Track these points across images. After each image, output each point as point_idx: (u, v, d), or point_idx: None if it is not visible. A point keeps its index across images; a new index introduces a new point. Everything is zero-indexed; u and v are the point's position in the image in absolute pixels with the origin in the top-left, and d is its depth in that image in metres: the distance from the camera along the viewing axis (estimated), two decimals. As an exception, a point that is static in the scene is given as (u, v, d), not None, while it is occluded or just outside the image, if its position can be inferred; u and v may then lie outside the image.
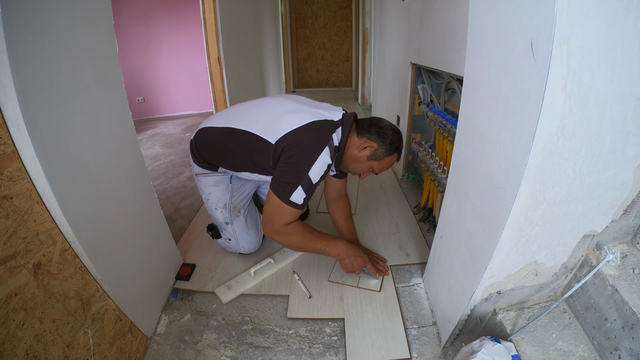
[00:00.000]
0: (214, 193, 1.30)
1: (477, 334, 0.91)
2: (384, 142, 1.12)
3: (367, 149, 1.12)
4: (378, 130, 1.13)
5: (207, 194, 1.31)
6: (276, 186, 1.05)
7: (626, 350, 0.65)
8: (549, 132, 0.56)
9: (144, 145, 2.97)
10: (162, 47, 3.82)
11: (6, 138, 0.60)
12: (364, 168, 1.16)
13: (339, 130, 1.11)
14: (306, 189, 1.03)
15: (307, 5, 5.55)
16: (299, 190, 1.03)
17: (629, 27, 0.51)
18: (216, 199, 1.30)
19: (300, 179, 1.02)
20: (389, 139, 1.12)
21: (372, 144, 1.11)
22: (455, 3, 1.13)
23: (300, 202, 1.05)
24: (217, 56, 1.96)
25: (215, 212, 1.31)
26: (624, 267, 0.73)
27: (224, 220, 1.31)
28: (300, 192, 1.03)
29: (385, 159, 1.14)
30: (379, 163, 1.15)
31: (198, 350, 1.00)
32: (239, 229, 1.31)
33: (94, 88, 0.82)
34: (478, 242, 0.78)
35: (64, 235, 0.71)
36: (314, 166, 1.02)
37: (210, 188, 1.30)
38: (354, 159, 1.14)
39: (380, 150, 1.12)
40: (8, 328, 0.57)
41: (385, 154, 1.13)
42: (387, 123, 1.16)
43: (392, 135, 1.13)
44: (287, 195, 1.03)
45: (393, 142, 1.13)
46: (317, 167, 1.03)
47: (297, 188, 1.02)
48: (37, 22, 0.64)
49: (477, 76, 0.76)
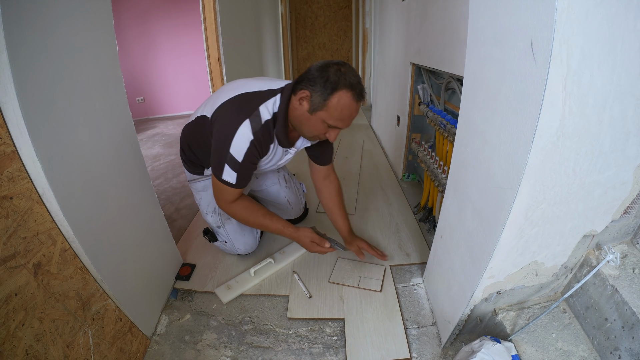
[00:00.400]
0: (204, 198, 1.30)
1: (477, 334, 0.91)
2: (314, 84, 0.91)
3: (303, 102, 0.94)
4: (307, 76, 0.93)
5: (198, 199, 1.32)
6: (211, 164, 1.03)
7: (626, 350, 0.65)
8: (549, 132, 0.56)
9: (144, 145, 2.97)
10: (162, 47, 3.82)
11: (6, 138, 0.60)
12: (316, 126, 0.97)
13: (277, 98, 0.98)
14: (234, 167, 0.97)
15: (307, 5, 5.55)
16: (226, 168, 0.97)
17: (629, 27, 0.51)
18: (206, 203, 1.30)
19: (224, 156, 0.96)
20: (319, 78, 0.90)
21: (304, 92, 0.92)
22: (455, 3, 1.13)
23: (233, 181, 0.99)
24: (217, 56, 1.96)
25: (207, 216, 1.32)
26: (624, 267, 0.73)
27: (215, 224, 1.31)
28: (230, 171, 0.97)
29: (330, 103, 0.91)
30: (326, 112, 0.92)
31: (198, 350, 1.00)
32: (232, 231, 1.31)
33: (94, 88, 0.82)
34: (478, 242, 0.78)
35: (64, 235, 0.71)
36: (233, 142, 0.94)
37: (200, 193, 1.31)
38: (298, 120, 0.98)
39: (315, 96, 0.91)
40: (8, 328, 0.57)
41: (322, 96, 0.90)
42: (318, 63, 0.95)
43: (324, 72, 0.90)
44: (219, 174, 1.00)
45: (327, 79, 0.89)
46: (237, 143, 0.94)
47: (224, 166, 0.98)
48: (37, 23, 0.64)
49: (477, 76, 0.76)
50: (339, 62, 0.94)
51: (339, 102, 0.91)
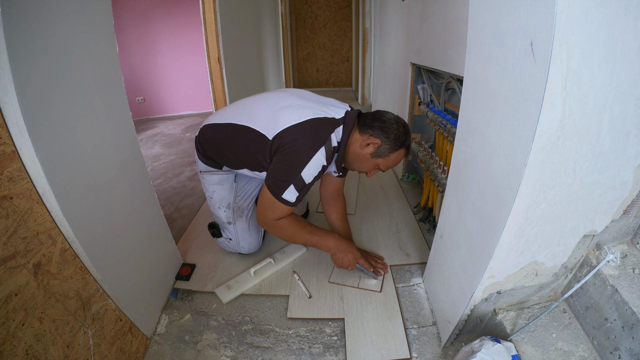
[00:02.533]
0: (218, 192, 1.29)
1: (477, 334, 0.91)
2: (387, 137, 1.05)
3: (370, 146, 1.07)
4: (381, 125, 1.06)
5: (210, 192, 1.31)
6: (270, 181, 1.04)
7: (626, 350, 0.65)
8: (549, 132, 0.56)
9: (144, 145, 2.97)
10: (162, 47, 3.82)
11: (6, 138, 0.60)
12: (368, 166, 1.12)
13: (340, 129, 1.07)
14: (299, 188, 1.02)
15: (307, 5, 5.56)
16: (291, 188, 1.01)
17: (629, 27, 0.51)
18: (220, 197, 1.29)
19: (292, 177, 1.00)
20: (392, 133, 1.05)
21: (375, 140, 1.06)
22: (455, 3, 1.13)
23: (293, 200, 1.03)
24: (217, 56, 1.96)
25: (219, 210, 1.31)
26: (624, 267, 0.73)
27: (226, 220, 1.30)
28: (293, 191, 1.02)
29: (391, 155, 1.08)
30: (385, 160, 1.09)
31: (198, 350, 0.99)
32: (241, 230, 1.31)
33: (94, 88, 0.82)
34: (478, 242, 0.78)
35: (64, 235, 0.71)
36: (307, 166, 0.99)
37: (214, 186, 1.29)
38: (357, 157, 1.10)
39: (384, 147, 1.06)
40: (8, 328, 0.57)
41: (390, 150, 1.07)
42: (391, 116, 1.09)
43: (397, 130, 1.06)
44: (279, 193, 1.02)
45: (398, 136, 1.06)
46: (311, 168, 1.00)
47: (289, 186, 1.01)
48: (37, 22, 0.64)
49: (477, 76, 0.76)
50: (405, 123, 1.10)
51: (397, 157, 1.10)
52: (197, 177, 2.22)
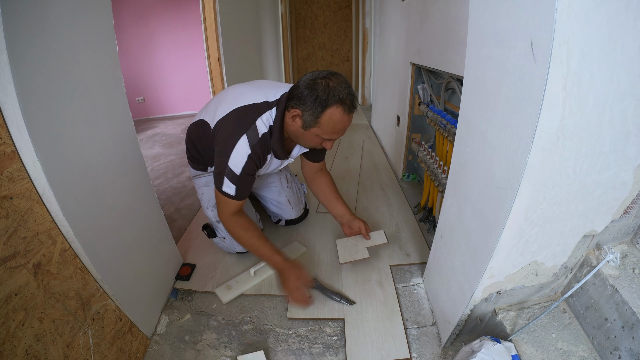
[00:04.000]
0: (206, 193, 1.32)
1: (477, 334, 0.91)
2: (303, 103, 0.91)
3: (296, 119, 0.96)
4: (297, 93, 0.93)
5: (200, 194, 1.34)
6: (214, 175, 1.06)
7: (626, 350, 0.65)
8: (549, 132, 0.56)
9: (144, 145, 2.96)
10: (162, 47, 3.81)
11: (6, 138, 0.60)
12: (311, 140, 1.00)
13: (272, 112, 1.00)
14: (232, 180, 1.00)
15: (307, 5, 5.56)
16: (226, 181, 1.01)
17: (629, 27, 0.51)
18: (207, 198, 1.32)
19: (223, 169, 1.00)
20: (308, 97, 0.90)
21: (296, 111, 0.94)
22: (455, 3, 1.13)
23: (232, 193, 1.02)
24: (217, 56, 1.96)
25: (207, 211, 1.33)
26: (624, 267, 0.73)
27: (215, 218, 1.31)
28: (229, 183, 1.01)
29: (322, 120, 0.92)
30: (319, 128, 0.94)
31: (198, 350, 0.99)
32: None
33: (94, 88, 0.82)
34: (478, 242, 0.78)
35: (64, 235, 0.71)
36: (231, 157, 0.98)
37: (202, 189, 1.32)
38: (295, 135, 1.02)
39: (307, 115, 0.92)
40: (8, 328, 0.57)
41: (314, 115, 0.91)
42: (307, 77, 0.94)
43: (314, 88, 0.89)
44: (219, 185, 1.03)
45: (316, 97, 0.89)
46: (236, 158, 0.98)
47: (224, 178, 1.01)
48: (37, 22, 0.64)
49: (477, 76, 0.76)
50: (327, 74, 0.93)
51: (331, 118, 0.92)
52: (197, 177, 2.22)
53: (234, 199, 1.05)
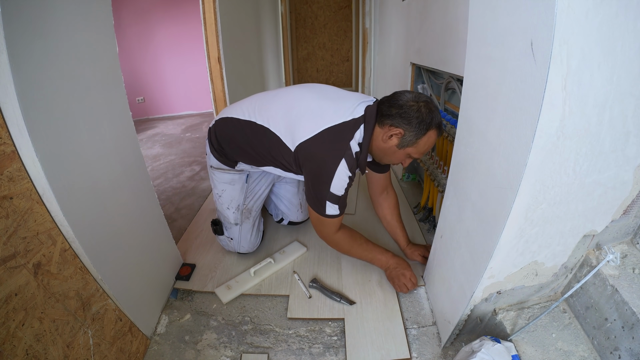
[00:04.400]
0: (228, 192, 1.26)
1: (477, 334, 0.91)
2: (409, 123, 0.94)
3: (393, 138, 0.98)
4: (399, 112, 0.95)
5: (219, 189, 1.27)
6: (310, 200, 1.06)
7: (626, 350, 0.65)
8: (549, 132, 0.56)
9: (144, 145, 2.96)
10: (162, 47, 3.81)
11: (6, 138, 0.60)
12: (399, 157, 1.03)
13: (361, 129, 0.98)
14: (335, 201, 1.02)
15: (307, 5, 5.55)
16: (329, 205, 1.02)
17: (629, 27, 0.51)
18: (229, 198, 1.26)
19: (325, 195, 1.01)
20: (414, 117, 0.94)
21: (397, 130, 0.96)
22: (455, 3, 1.13)
23: (336, 212, 1.05)
24: (217, 56, 1.96)
25: (227, 211, 1.28)
26: (624, 267, 0.73)
27: (234, 221, 1.29)
28: (332, 206, 1.03)
29: (420, 141, 0.97)
30: (415, 148, 0.98)
31: (198, 350, 0.99)
32: (245, 231, 1.31)
33: (94, 88, 0.82)
34: (478, 242, 0.78)
35: (64, 235, 0.71)
36: (333, 182, 0.98)
37: (224, 185, 1.25)
38: (383, 152, 1.02)
39: (408, 135, 0.96)
40: (8, 328, 0.57)
41: (416, 136, 0.95)
42: (408, 97, 0.97)
43: (419, 112, 0.94)
44: (322, 211, 1.04)
45: (421, 119, 0.94)
46: (337, 182, 0.98)
47: (326, 203, 1.02)
48: (37, 22, 0.64)
49: (477, 76, 0.76)
50: (427, 99, 0.98)
51: (428, 141, 0.98)
52: (197, 177, 2.22)
53: (337, 217, 1.06)
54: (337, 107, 1.01)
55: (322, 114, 1.00)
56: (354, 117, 0.99)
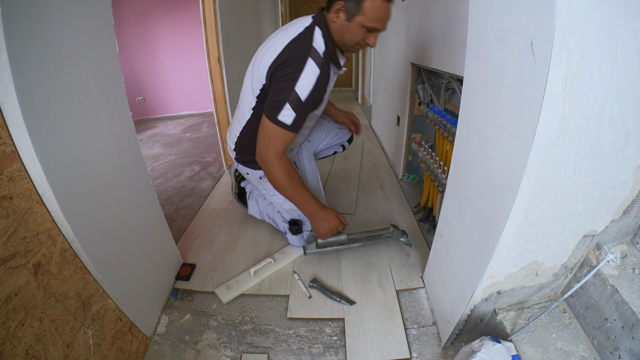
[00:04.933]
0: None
1: (477, 334, 0.91)
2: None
3: (339, 13, 1.00)
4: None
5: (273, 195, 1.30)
6: (266, 107, 1.03)
7: (626, 350, 0.65)
8: (549, 132, 0.56)
9: (144, 145, 2.96)
10: (162, 47, 3.81)
11: (6, 138, 0.60)
12: (357, 32, 1.02)
13: (317, 30, 1.02)
14: (295, 106, 0.98)
15: (307, 5, 5.55)
16: (287, 107, 0.98)
17: (628, 27, 0.51)
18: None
19: (287, 95, 0.98)
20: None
21: (339, 4, 0.98)
22: (455, 3, 1.13)
23: (289, 122, 1.00)
24: (217, 56, 1.96)
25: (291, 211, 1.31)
26: (624, 267, 0.73)
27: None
28: (289, 110, 0.99)
29: (365, 6, 0.97)
30: (362, 15, 0.98)
31: (198, 350, 1.00)
32: None
33: (94, 88, 0.82)
34: (478, 242, 0.78)
35: (64, 235, 0.71)
36: (299, 79, 0.97)
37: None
38: (340, 33, 1.03)
39: (349, 4, 0.97)
40: (8, 328, 0.57)
41: (357, 1, 0.97)
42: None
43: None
44: (274, 113, 0.99)
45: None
46: (304, 80, 0.97)
47: (284, 105, 0.98)
48: (37, 22, 0.64)
49: (477, 76, 0.76)
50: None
51: (373, 4, 0.96)
52: (197, 177, 2.22)
53: (288, 129, 1.01)
54: (292, 29, 1.05)
55: (276, 42, 1.04)
56: (305, 25, 1.03)
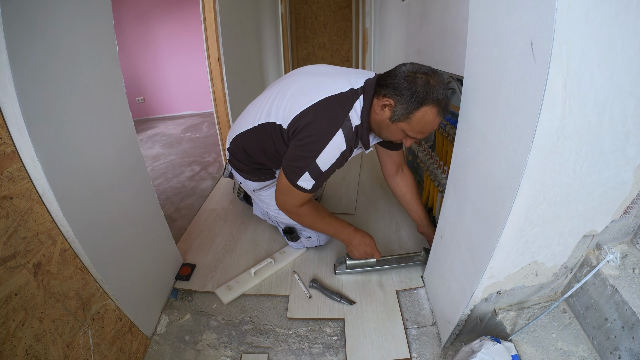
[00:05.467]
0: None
1: (477, 334, 0.91)
2: (399, 95, 0.85)
3: (385, 109, 0.91)
4: (394, 82, 0.87)
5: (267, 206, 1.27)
6: (285, 166, 0.97)
7: (626, 350, 0.65)
8: (549, 132, 0.56)
9: (144, 145, 2.96)
10: (162, 47, 3.81)
11: (6, 138, 0.60)
12: (396, 133, 0.94)
13: (360, 100, 0.92)
14: (314, 176, 0.94)
15: (307, 5, 5.55)
16: (306, 176, 0.94)
17: (629, 27, 0.51)
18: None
19: (307, 164, 0.93)
20: (406, 88, 0.85)
21: (388, 100, 0.89)
22: (455, 3, 1.13)
23: (309, 187, 0.96)
24: (217, 56, 1.96)
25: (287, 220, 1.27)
26: (624, 267, 0.73)
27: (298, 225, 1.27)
28: (308, 178, 0.94)
29: (414, 117, 0.87)
30: (408, 124, 0.89)
31: (198, 350, 0.99)
32: None
33: (94, 88, 0.82)
34: (478, 242, 0.78)
35: (64, 235, 0.71)
36: (323, 153, 0.91)
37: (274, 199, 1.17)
38: (379, 125, 0.95)
39: (399, 107, 0.87)
40: (8, 328, 0.57)
41: (407, 110, 0.86)
42: (407, 68, 0.88)
43: (413, 82, 0.84)
44: (294, 179, 0.95)
45: (414, 92, 0.84)
46: (328, 154, 0.91)
47: (304, 173, 0.94)
48: (37, 22, 0.64)
49: (477, 76, 0.76)
50: (429, 70, 0.87)
51: (423, 118, 0.87)
52: (197, 177, 2.22)
53: (307, 192, 0.98)
54: (334, 80, 0.96)
55: (318, 87, 0.95)
56: (353, 88, 0.94)
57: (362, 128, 0.95)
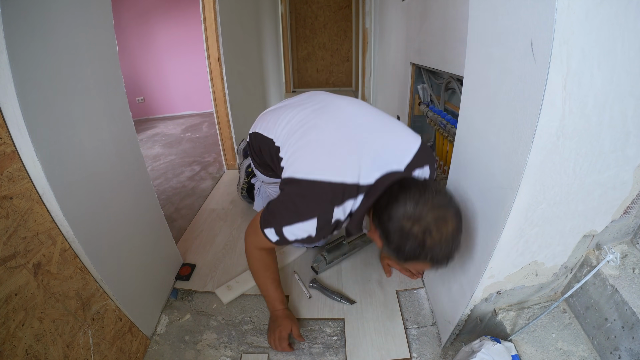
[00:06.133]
0: None
1: (477, 334, 0.91)
2: (389, 243, 0.74)
3: (375, 237, 0.83)
4: (386, 226, 0.74)
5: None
6: (265, 207, 0.92)
7: (626, 350, 0.65)
8: (549, 132, 0.56)
9: (144, 145, 2.96)
10: (162, 47, 3.81)
11: (6, 138, 0.60)
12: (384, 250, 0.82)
13: (359, 199, 0.83)
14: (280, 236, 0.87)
15: (307, 5, 5.55)
16: (272, 231, 0.87)
17: (629, 27, 0.51)
18: None
19: (277, 222, 0.87)
20: (394, 243, 0.72)
21: (378, 237, 0.80)
22: (455, 3, 1.13)
23: (273, 240, 0.89)
24: (217, 56, 1.96)
25: None
26: (624, 267, 0.73)
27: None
28: (273, 234, 0.88)
29: (408, 264, 0.76)
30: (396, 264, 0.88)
31: (198, 350, 0.99)
32: None
33: (94, 88, 0.82)
34: (478, 242, 0.78)
35: (64, 235, 0.71)
36: (291, 227, 0.84)
37: None
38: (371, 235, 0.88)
39: (387, 250, 0.77)
40: (8, 328, 0.57)
41: (394, 255, 0.75)
42: (407, 211, 0.69)
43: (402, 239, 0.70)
44: (263, 225, 0.89)
45: (403, 251, 0.71)
46: (294, 231, 0.84)
47: (271, 228, 0.87)
48: (37, 22, 0.64)
49: (477, 76, 0.76)
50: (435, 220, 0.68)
51: (414, 266, 0.87)
52: (197, 177, 2.22)
53: (271, 242, 0.90)
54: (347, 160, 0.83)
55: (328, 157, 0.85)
56: (358, 184, 0.81)
57: (351, 221, 0.87)
